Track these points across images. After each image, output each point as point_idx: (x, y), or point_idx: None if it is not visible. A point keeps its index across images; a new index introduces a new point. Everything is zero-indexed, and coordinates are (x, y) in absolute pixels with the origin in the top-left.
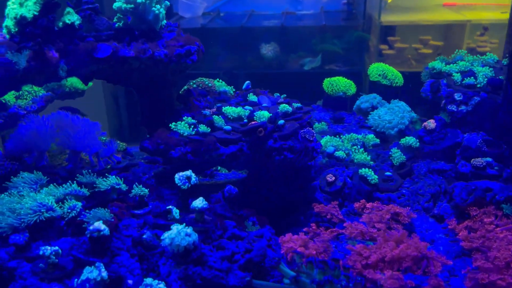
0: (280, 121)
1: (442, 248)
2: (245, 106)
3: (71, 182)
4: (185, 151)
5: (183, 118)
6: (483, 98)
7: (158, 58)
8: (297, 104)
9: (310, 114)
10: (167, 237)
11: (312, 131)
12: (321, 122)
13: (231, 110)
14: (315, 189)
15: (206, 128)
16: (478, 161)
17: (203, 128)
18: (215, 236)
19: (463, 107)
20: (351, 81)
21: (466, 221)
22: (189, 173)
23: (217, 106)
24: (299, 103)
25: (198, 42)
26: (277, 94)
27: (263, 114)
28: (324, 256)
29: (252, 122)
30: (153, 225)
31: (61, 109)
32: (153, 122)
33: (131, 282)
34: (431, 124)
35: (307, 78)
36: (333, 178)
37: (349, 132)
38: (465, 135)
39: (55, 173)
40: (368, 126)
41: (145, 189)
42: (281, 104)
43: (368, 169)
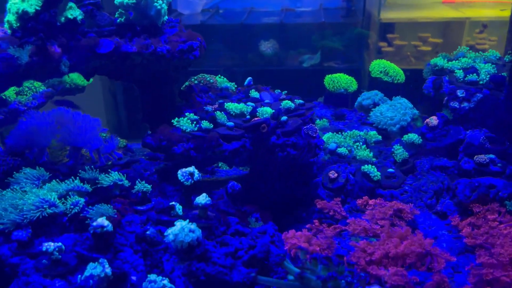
0: (283, 118)
1: (445, 244)
2: (247, 103)
3: (73, 178)
4: (188, 147)
5: (185, 114)
6: (485, 95)
7: (161, 54)
8: (299, 101)
9: (312, 111)
10: (170, 233)
11: (315, 128)
12: (322, 119)
13: (233, 107)
14: (318, 185)
15: (209, 124)
16: (481, 158)
17: (205, 124)
18: (218, 232)
19: (465, 104)
20: (352, 78)
21: (469, 217)
22: (192, 169)
23: (219, 103)
24: (301, 99)
25: (200, 38)
26: (278, 91)
27: (266, 111)
28: (327, 252)
29: (255, 119)
30: (156, 221)
31: (57, 103)
32: (155, 118)
33: (134, 278)
34: (434, 121)
35: (306, 75)
36: (335, 175)
37: (350, 129)
38: (467, 132)
39: (56, 169)
40: (369, 123)
41: (148, 185)
42: (283, 101)
43: (370, 166)
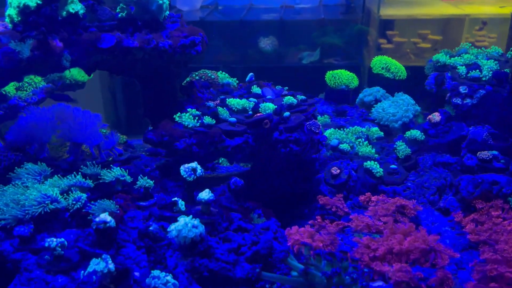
0: (286, 113)
1: (449, 241)
2: (250, 98)
3: (75, 173)
4: (190, 142)
5: (187, 110)
6: (488, 92)
7: (163, 49)
8: (301, 97)
9: (315, 107)
10: (174, 228)
11: (318, 124)
12: (323, 116)
13: (235, 102)
14: (320, 181)
15: (211, 120)
16: (484, 154)
17: (208, 120)
18: (221, 228)
19: (468, 100)
20: (354, 74)
21: (472, 214)
22: (194, 164)
23: (220, 98)
24: (303, 95)
25: (202, 33)
26: (279, 87)
27: (268, 106)
28: (331, 248)
29: (258, 114)
30: (159, 217)
31: (53, 96)
32: (156, 114)
33: (137, 274)
34: (436, 117)
35: (305, 72)
36: (338, 171)
37: (352, 126)
38: (470, 128)
39: (56, 165)
40: (371, 120)
41: (150, 181)
42: (285, 97)
43: (373, 162)
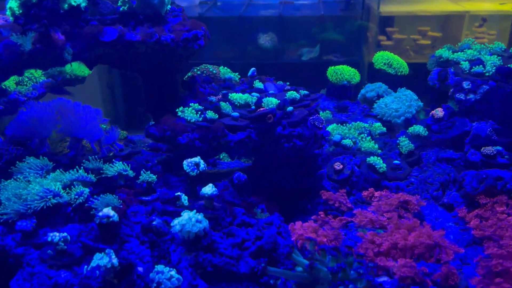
0: (289, 108)
1: (453, 236)
2: (252, 93)
3: (77, 168)
4: (192, 137)
5: (189, 104)
6: (491, 87)
7: (165, 43)
8: (304, 91)
9: (318, 102)
10: (177, 223)
11: (322, 119)
12: (325, 111)
13: (238, 97)
14: (322, 177)
15: (214, 114)
16: (488, 149)
17: (210, 114)
18: (224, 223)
19: (471, 96)
20: (355, 70)
21: (477, 209)
22: (197, 159)
23: (222, 93)
24: (306, 90)
25: (204, 27)
26: (280, 83)
27: (271, 101)
28: (335, 243)
29: (261, 109)
30: (162, 212)
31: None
32: (158, 108)
33: (141, 270)
34: (439, 113)
35: (305, 69)
36: (340, 166)
37: (353, 121)
38: (473, 124)
39: (57, 160)
40: (373, 115)
41: (153, 175)
42: (288, 92)
43: (376, 157)
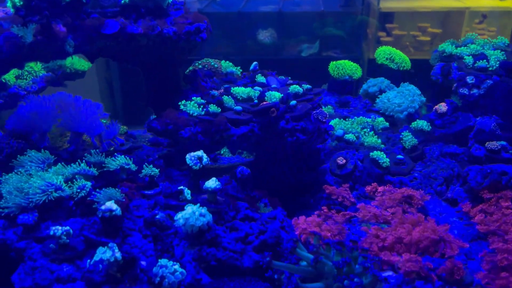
0: (292, 102)
1: (457, 231)
2: (254, 87)
3: (79, 161)
4: (195, 131)
5: (191, 98)
6: (495, 82)
7: (167, 36)
8: (307, 86)
9: (321, 96)
10: (181, 217)
11: (325, 113)
12: (326, 106)
13: (240, 91)
14: (325, 171)
15: (217, 108)
16: (493, 144)
17: (213, 108)
18: (228, 217)
19: (475, 91)
20: (357, 65)
21: (481, 204)
22: (200, 153)
23: (224, 87)
24: (309, 85)
25: (206, 20)
26: (282, 77)
27: (274, 95)
28: (339, 238)
29: (264, 103)
30: (165, 206)
31: None
32: (160, 102)
33: (144, 264)
34: (443, 107)
35: (304, 65)
36: (343, 161)
37: (356, 116)
38: (477, 119)
39: (57, 154)
40: (375, 110)
41: (155, 169)
42: (291, 86)
43: (380, 152)
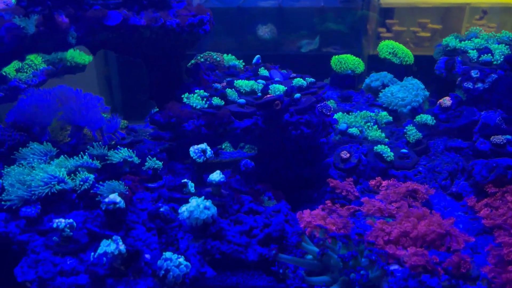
0: (296, 95)
1: (462, 225)
2: (258, 80)
3: (82, 154)
4: (198, 123)
5: (194, 91)
6: (500, 76)
7: (170, 28)
8: (310, 79)
9: (324, 89)
10: (185, 210)
11: (330, 106)
12: (329, 101)
13: (243, 84)
14: (329, 165)
15: (220, 101)
16: (498, 138)
17: (216, 101)
18: (232, 211)
19: (479, 85)
20: (359, 59)
21: (486, 199)
22: (204, 146)
23: (227, 81)
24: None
25: (209, 13)
26: (284, 71)
27: (279, 88)
28: (344, 231)
29: (267, 96)
30: (168, 199)
31: None
32: (162, 95)
33: (148, 257)
34: (447, 101)
35: (304, 60)
36: (347, 155)
37: (358, 111)
38: (482, 113)
39: (58, 148)
40: (378, 105)
41: (159, 162)
42: (295, 79)
43: (384, 146)
